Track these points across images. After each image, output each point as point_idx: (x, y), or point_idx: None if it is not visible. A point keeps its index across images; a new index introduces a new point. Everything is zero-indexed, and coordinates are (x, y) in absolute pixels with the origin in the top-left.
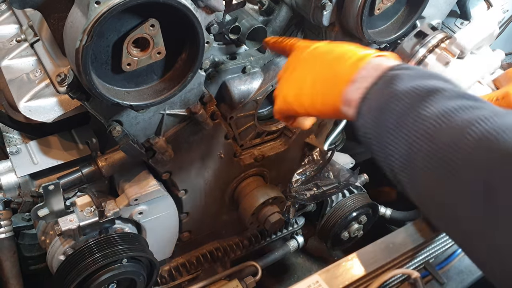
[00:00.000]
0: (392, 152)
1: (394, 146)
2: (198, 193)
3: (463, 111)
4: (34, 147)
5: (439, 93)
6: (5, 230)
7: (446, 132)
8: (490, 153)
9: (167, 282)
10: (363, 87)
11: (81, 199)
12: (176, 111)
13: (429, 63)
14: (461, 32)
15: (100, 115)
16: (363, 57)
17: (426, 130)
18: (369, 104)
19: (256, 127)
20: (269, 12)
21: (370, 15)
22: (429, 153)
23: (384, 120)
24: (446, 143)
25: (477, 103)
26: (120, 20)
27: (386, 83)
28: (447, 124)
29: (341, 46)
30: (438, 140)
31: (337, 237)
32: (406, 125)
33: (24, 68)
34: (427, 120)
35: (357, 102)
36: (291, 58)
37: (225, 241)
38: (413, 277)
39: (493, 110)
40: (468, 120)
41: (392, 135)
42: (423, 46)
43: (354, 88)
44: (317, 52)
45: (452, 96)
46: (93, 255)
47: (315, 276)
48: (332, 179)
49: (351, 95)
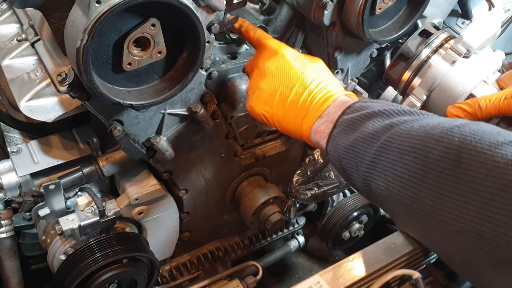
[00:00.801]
0: (360, 167)
1: (362, 161)
2: (199, 193)
3: (417, 121)
4: (35, 147)
5: (405, 113)
6: (6, 229)
7: (413, 139)
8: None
9: (168, 282)
10: (333, 120)
11: (82, 199)
12: (177, 110)
13: (433, 63)
14: (467, 31)
15: (100, 115)
16: (330, 96)
17: (397, 134)
18: (341, 128)
19: (257, 126)
20: (270, 12)
21: (371, 15)
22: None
23: (355, 135)
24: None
25: (423, 116)
26: (121, 20)
27: (355, 111)
28: (412, 132)
29: (310, 71)
30: (407, 146)
31: (338, 237)
32: (377, 135)
33: (25, 68)
34: (399, 126)
35: (328, 133)
36: (261, 59)
37: (226, 240)
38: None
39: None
40: (421, 129)
41: (362, 147)
42: (427, 46)
43: (323, 122)
44: (287, 67)
45: (412, 114)
46: (94, 255)
47: (316, 277)
48: (333, 179)
49: (322, 128)
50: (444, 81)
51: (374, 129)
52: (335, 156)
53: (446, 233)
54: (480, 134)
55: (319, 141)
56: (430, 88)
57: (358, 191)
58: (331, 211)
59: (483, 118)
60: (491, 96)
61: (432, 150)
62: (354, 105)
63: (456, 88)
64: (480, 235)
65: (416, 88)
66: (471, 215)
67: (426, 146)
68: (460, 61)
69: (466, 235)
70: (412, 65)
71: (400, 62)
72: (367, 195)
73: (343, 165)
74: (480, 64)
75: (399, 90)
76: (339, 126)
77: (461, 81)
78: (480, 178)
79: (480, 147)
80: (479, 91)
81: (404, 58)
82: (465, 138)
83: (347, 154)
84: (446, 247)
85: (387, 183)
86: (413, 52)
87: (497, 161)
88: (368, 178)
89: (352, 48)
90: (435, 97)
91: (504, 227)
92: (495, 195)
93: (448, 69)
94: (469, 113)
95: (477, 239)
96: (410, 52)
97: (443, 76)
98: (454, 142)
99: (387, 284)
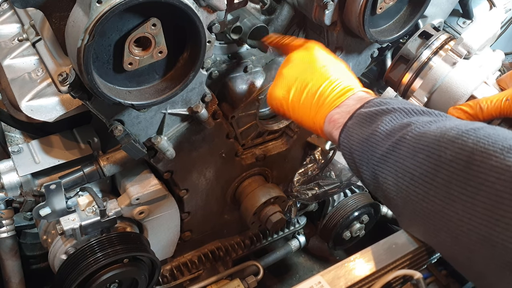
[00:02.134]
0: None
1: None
2: (200, 193)
3: (436, 123)
4: (36, 147)
5: (424, 113)
6: (7, 229)
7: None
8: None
9: (169, 282)
10: (349, 111)
11: (82, 199)
12: (177, 110)
13: (434, 65)
14: (467, 33)
15: (101, 115)
16: (350, 89)
17: (412, 136)
18: (357, 119)
19: (257, 126)
20: (271, 11)
21: (372, 14)
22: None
23: (371, 128)
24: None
25: (442, 118)
26: (122, 19)
27: (374, 106)
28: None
29: (334, 66)
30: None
31: (338, 237)
32: (394, 132)
33: (26, 68)
34: (416, 125)
35: (343, 123)
36: (290, 53)
37: (226, 240)
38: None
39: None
40: (438, 130)
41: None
42: (427, 48)
43: (339, 111)
44: (311, 59)
45: (432, 114)
46: (95, 255)
47: (317, 277)
48: (334, 179)
49: (336, 117)
50: (445, 83)
51: (391, 125)
52: (346, 147)
53: (453, 233)
54: (494, 138)
55: (332, 131)
56: (431, 90)
57: (364, 184)
58: (332, 211)
59: (485, 120)
60: (492, 98)
61: (445, 150)
62: (373, 100)
63: (457, 89)
64: (487, 237)
65: (416, 90)
66: (478, 217)
67: (440, 146)
68: (461, 63)
69: (473, 236)
70: (412, 67)
71: (400, 64)
72: (373, 189)
73: (354, 156)
74: (480, 65)
75: (399, 92)
76: (355, 117)
77: (462, 82)
78: (490, 181)
79: (493, 151)
80: (480, 92)
81: (404, 60)
82: (479, 140)
83: (360, 146)
84: (451, 247)
85: (397, 178)
86: (413, 54)
87: (509, 165)
88: (377, 172)
89: (353, 48)
90: (436, 99)
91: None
92: (504, 199)
93: (449, 71)
94: (471, 115)
95: (483, 241)
96: (410, 54)
97: (443, 78)
98: (468, 144)
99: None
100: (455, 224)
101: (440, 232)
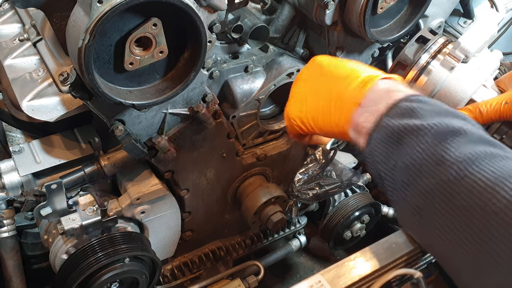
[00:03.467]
0: (403, 193)
1: (407, 189)
2: (200, 192)
3: (489, 160)
4: (37, 146)
5: (461, 135)
6: (8, 229)
7: (468, 189)
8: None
9: (170, 281)
10: (374, 114)
11: (83, 198)
12: (178, 110)
13: (433, 69)
14: (465, 36)
15: (102, 114)
16: (369, 79)
17: (446, 181)
18: (383, 134)
19: (258, 126)
20: (272, 11)
21: (372, 14)
22: (448, 210)
23: (399, 156)
24: (470, 204)
25: (502, 151)
26: (123, 19)
27: (402, 116)
28: (471, 177)
29: (343, 63)
30: (459, 197)
31: (339, 237)
32: (424, 169)
33: (27, 67)
34: (451, 167)
35: (368, 130)
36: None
37: (227, 240)
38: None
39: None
40: (496, 177)
41: (405, 176)
42: (426, 52)
43: (363, 112)
44: (317, 67)
45: (475, 140)
46: (96, 254)
47: (317, 276)
48: (334, 179)
49: (361, 120)
50: (444, 88)
51: (421, 157)
52: (371, 162)
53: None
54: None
55: (358, 140)
56: (429, 95)
57: (386, 193)
58: (333, 210)
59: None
60: (491, 101)
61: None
62: (401, 104)
63: (456, 94)
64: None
65: None
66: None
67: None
68: (459, 67)
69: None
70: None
71: (398, 70)
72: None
73: (379, 171)
74: (478, 68)
75: None
76: (381, 130)
77: (461, 87)
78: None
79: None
80: (479, 95)
81: (402, 66)
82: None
83: (385, 165)
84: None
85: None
86: (411, 59)
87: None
88: (404, 192)
89: (354, 48)
90: None
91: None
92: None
93: (447, 75)
94: None
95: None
96: (408, 59)
97: (442, 82)
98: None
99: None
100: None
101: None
